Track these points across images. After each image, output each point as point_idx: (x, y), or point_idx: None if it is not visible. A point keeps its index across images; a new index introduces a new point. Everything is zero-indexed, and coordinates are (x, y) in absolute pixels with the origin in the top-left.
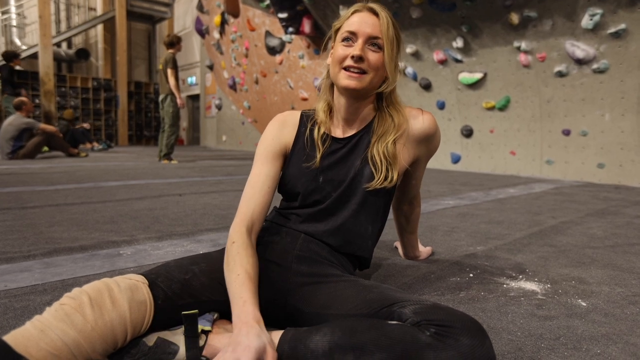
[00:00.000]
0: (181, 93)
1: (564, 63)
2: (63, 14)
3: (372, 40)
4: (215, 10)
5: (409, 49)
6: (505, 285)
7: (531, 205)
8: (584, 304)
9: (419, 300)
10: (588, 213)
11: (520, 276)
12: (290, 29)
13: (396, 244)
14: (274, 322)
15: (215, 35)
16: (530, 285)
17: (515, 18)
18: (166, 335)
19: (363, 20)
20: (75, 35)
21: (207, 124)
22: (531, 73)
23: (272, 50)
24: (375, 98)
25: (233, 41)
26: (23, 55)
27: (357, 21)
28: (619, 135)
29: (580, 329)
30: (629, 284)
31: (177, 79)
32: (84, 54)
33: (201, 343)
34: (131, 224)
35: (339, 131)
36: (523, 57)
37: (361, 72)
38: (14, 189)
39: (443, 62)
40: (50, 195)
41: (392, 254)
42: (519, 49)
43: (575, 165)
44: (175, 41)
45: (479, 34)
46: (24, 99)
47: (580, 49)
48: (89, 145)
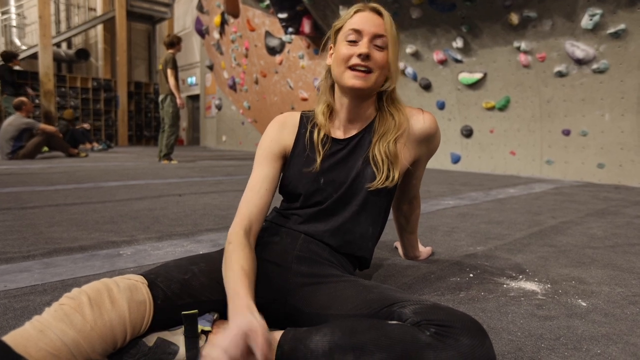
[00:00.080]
0: (181, 93)
1: (563, 63)
2: (63, 14)
3: (377, 39)
4: (215, 11)
5: (409, 49)
6: (505, 286)
7: (531, 205)
8: (584, 304)
9: (419, 300)
10: (588, 213)
11: (520, 276)
12: (290, 29)
13: (396, 244)
14: (274, 323)
15: (215, 35)
16: (531, 286)
17: (515, 18)
18: (166, 335)
19: (367, 19)
20: (75, 35)
21: (207, 124)
22: (531, 73)
23: (272, 51)
24: (376, 98)
25: (233, 41)
26: (23, 55)
27: (362, 20)
28: (618, 135)
29: (581, 329)
30: (629, 284)
31: (177, 79)
32: (83, 54)
33: (201, 343)
34: (131, 224)
35: (339, 132)
36: (523, 57)
37: (367, 71)
38: (14, 189)
39: (443, 62)
40: (50, 196)
41: (392, 254)
42: (518, 49)
43: (575, 165)
44: (175, 41)
45: (479, 34)
46: (24, 99)
47: (580, 49)
48: (88, 146)
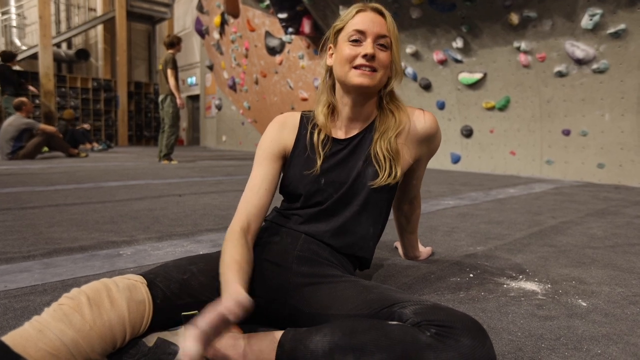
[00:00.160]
0: (181, 93)
1: (563, 63)
2: (63, 15)
3: (380, 40)
4: (215, 11)
5: (409, 49)
6: (505, 286)
7: (531, 205)
8: (584, 304)
9: (419, 301)
10: (588, 213)
11: (521, 276)
12: (290, 30)
13: (396, 244)
14: (274, 323)
15: (215, 35)
16: (531, 286)
17: (515, 18)
18: (166, 335)
19: (370, 20)
20: (75, 35)
21: (207, 124)
22: (531, 73)
23: (272, 51)
24: (377, 97)
25: (233, 41)
26: (23, 55)
27: (364, 20)
28: (618, 135)
29: (581, 329)
30: (629, 284)
31: (177, 80)
32: (84, 54)
33: None
34: (131, 224)
35: (340, 132)
36: (523, 57)
37: (372, 70)
38: (14, 189)
39: (443, 63)
40: (50, 196)
41: (392, 254)
42: (518, 49)
43: (575, 165)
44: (175, 41)
45: (479, 34)
46: (24, 99)
47: (580, 49)
48: (88, 146)
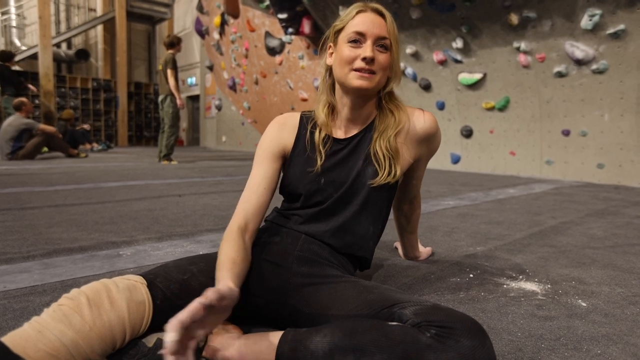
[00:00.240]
0: (181, 94)
1: (563, 63)
2: (63, 15)
3: (380, 41)
4: (215, 11)
5: (409, 50)
6: (505, 286)
7: (531, 205)
8: (584, 305)
9: (420, 301)
10: (588, 213)
11: (521, 276)
12: (290, 30)
13: (396, 245)
14: (274, 323)
15: (215, 35)
16: (531, 286)
17: (514, 18)
18: None
19: (370, 21)
20: (75, 35)
21: (207, 124)
22: (531, 73)
23: (272, 51)
24: (376, 97)
25: (233, 42)
26: (23, 55)
27: (364, 22)
28: (618, 135)
29: (581, 329)
30: (629, 284)
31: (177, 80)
32: (83, 54)
33: (201, 344)
34: (131, 224)
35: (340, 132)
36: (522, 58)
37: (371, 73)
38: (14, 189)
39: (443, 63)
40: (49, 196)
41: (392, 255)
42: (518, 49)
43: (575, 165)
44: (175, 42)
45: (479, 35)
46: (24, 99)
47: (579, 49)
48: (88, 146)
